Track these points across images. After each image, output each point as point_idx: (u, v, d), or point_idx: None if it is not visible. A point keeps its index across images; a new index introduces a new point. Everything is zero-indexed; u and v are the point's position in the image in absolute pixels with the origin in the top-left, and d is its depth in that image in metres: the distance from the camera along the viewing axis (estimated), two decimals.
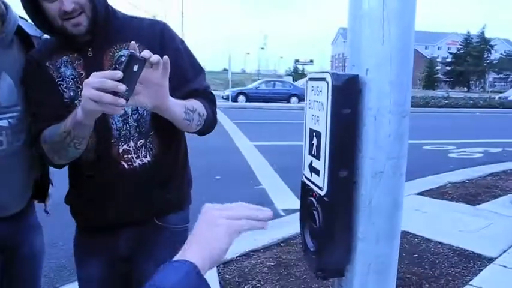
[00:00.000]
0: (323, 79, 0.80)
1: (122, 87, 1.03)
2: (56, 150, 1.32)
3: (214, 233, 0.75)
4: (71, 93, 1.37)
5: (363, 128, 0.79)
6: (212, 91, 1.54)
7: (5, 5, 1.45)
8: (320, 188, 0.82)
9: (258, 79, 38.87)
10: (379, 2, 0.77)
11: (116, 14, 1.42)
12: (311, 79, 0.86)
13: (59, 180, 1.85)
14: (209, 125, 1.49)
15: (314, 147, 0.85)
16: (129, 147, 1.40)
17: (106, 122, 1.37)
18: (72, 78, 1.38)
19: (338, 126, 0.78)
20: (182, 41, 1.51)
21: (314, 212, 0.85)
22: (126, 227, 1.50)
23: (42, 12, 1.30)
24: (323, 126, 0.80)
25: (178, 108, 1.30)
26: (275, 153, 7.79)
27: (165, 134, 1.46)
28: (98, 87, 1.04)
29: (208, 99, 1.50)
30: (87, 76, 1.12)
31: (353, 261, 0.85)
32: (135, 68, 1.05)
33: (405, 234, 3.94)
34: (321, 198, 0.82)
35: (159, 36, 1.42)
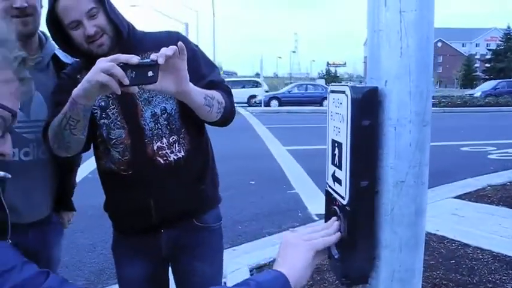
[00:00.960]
0: (343, 92, 0.82)
1: (134, 59, 1.17)
2: (55, 134, 1.42)
3: (296, 252, 0.87)
4: (102, 103, 1.50)
5: (383, 138, 0.81)
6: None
7: (45, 36, 1.69)
8: (342, 197, 0.85)
9: (291, 83, 38.85)
10: (396, 15, 0.79)
11: (135, 30, 1.55)
12: (332, 91, 0.89)
13: (93, 189, 1.94)
14: (228, 114, 1.57)
15: (336, 158, 0.88)
16: (163, 143, 1.51)
17: (138, 124, 1.50)
18: None
19: (358, 137, 0.80)
20: (196, 45, 1.64)
21: (337, 221, 0.87)
22: (166, 228, 1.58)
23: (70, 39, 1.46)
24: (344, 137, 0.83)
25: (198, 94, 1.40)
26: (308, 157, 7.77)
27: (195, 130, 1.58)
28: (111, 59, 1.18)
29: (225, 90, 1.59)
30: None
31: (377, 269, 0.86)
32: (150, 73, 1.19)
33: (442, 239, 3.87)
34: (343, 207, 0.84)
35: (175, 42, 1.50)
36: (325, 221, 0.96)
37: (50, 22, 1.44)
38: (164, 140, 1.51)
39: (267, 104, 24.27)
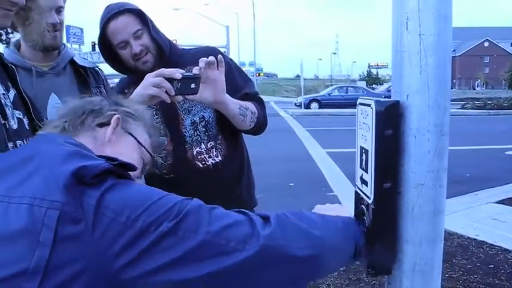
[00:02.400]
0: (369, 105, 0.94)
1: (178, 73, 1.36)
2: None
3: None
4: None
5: (404, 146, 0.92)
6: (285, 97, 1.78)
7: (64, 45, 1.88)
8: (368, 197, 0.96)
9: (331, 85, 38.60)
10: (416, 38, 0.90)
11: (176, 48, 1.74)
12: (361, 104, 1.01)
13: None
14: (261, 123, 1.72)
15: (363, 162, 0.99)
16: (201, 149, 1.66)
17: (179, 131, 1.66)
18: None
19: (382, 145, 0.91)
20: (231, 59, 1.81)
21: (364, 217, 0.98)
22: None
23: (119, 58, 1.66)
24: (370, 144, 0.94)
25: (233, 104, 1.57)
26: (347, 159, 7.75)
27: (231, 137, 1.72)
28: (157, 74, 1.38)
29: (258, 102, 1.74)
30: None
31: (400, 262, 0.97)
32: (192, 85, 1.39)
33: (481, 244, 3.85)
34: (369, 206, 0.96)
35: (213, 55, 1.66)
36: (355, 217, 1.07)
37: (101, 43, 1.63)
38: (203, 146, 1.67)
39: (307, 107, 24.28)
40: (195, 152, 1.66)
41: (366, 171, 0.97)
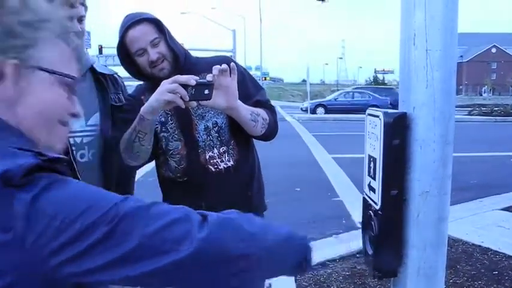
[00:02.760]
0: (377, 116, 0.99)
1: (192, 80, 1.42)
2: (126, 147, 1.64)
3: None
4: (162, 119, 1.73)
5: (411, 155, 0.97)
6: (291, 101, 1.84)
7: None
8: (376, 203, 1.01)
9: (337, 89, 38.60)
10: (423, 53, 0.95)
11: (190, 56, 1.80)
12: (369, 115, 1.06)
13: (148, 192, 2.15)
14: (272, 129, 1.79)
15: (372, 170, 1.04)
16: (214, 153, 1.72)
17: (193, 136, 1.71)
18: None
19: (389, 154, 0.97)
20: (245, 68, 1.87)
21: (372, 222, 1.03)
22: None
23: (136, 65, 1.72)
24: (378, 153, 0.99)
25: (245, 110, 1.63)
26: (353, 165, 7.81)
27: (243, 142, 1.78)
28: (173, 80, 1.43)
29: (270, 109, 1.80)
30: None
31: (405, 265, 1.02)
32: (206, 91, 1.45)
33: (486, 250, 3.87)
34: (376, 212, 1.01)
35: (226, 64, 1.70)
36: (362, 224, 1.12)
37: (120, 50, 1.70)
38: (215, 150, 1.72)
39: (313, 112, 24.31)
40: (207, 157, 1.71)
41: (374, 178, 1.02)
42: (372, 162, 1.04)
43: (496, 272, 3.43)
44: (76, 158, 1.76)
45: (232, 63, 1.57)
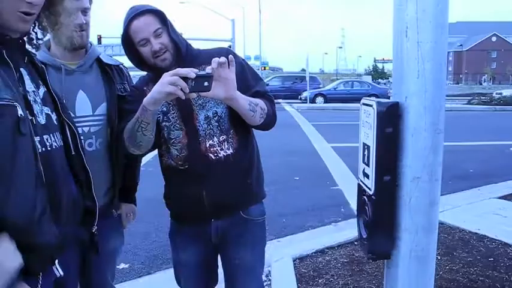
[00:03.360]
0: (371, 105, 1.03)
1: (192, 73, 1.47)
2: (129, 136, 1.70)
3: None
4: (164, 109, 1.78)
5: (403, 143, 1.02)
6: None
7: (91, 43, 1.97)
8: (369, 189, 1.06)
9: (337, 79, 38.56)
10: (414, 45, 0.99)
11: (192, 48, 1.85)
12: (364, 104, 1.10)
13: (144, 184, 2.19)
14: (270, 119, 1.84)
15: (366, 157, 1.09)
16: (214, 142, 1.77)
17: (194, 126, 1.76)
18: None
19: (382, 141, 1.01)
20: (244, 59, 1.92)
21: (366, 207, 1.08)
22: (216, 219, 1.83)
23: (139, 56, 1.78)
24: (371, 141, 1.04)
25: (243, 101, 1.68)
26: (352, 154, 7.81)
27: (242, 131, 1.82)
28: (173, 73, 1.49)
29: (268, 99, 1.85)
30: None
31: (398, 247, 1.08)
32: (206, 83, 1.50)
33: (482, 237, 3.93)
34: (370, 197, 1.06)
35: (226, 56, 1.74)
36: (357, 208, 1.17)
37: (124, 41, 1.75)
38: (215, 139, 1.77)
39: (312, 101, 24.31)
40: (207, 145, 1.76)
41: (368, 165, 1.07)
42: (366, 150, 1.09)
43: (492, 259, 3.49)
44: (84, 147, 1.81)
45: (230, 56, 1.62)
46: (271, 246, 2.02)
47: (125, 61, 2.03)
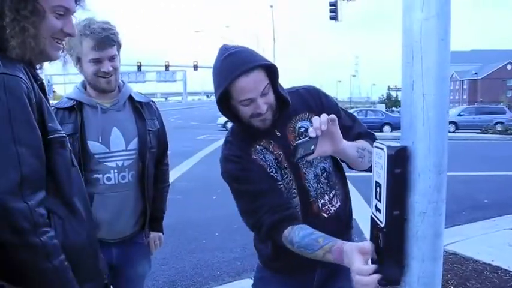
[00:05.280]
0: (382, 149, 1.19)
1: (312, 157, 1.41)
2: (301, 252, 1.51)
3: None
4: (278, 176, 1.63)
5: (411, 182, 1.16)
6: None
7: (123, 81, 2.11)
8: (381, 222, 1.20)
9: (351, 107, 38.71)
10: (420, 97, 1.14)
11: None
12: (376, 147, 1.25)
13: (169, 208, 2.31)
14: None
15: (377, 194, 1.23)
16: (325, 200, 1.68)
17: (304, 186, 1.65)
18: (275, 162, 1.64)
19: (392, 181, 1.16)
20: (332, 97, 1.79)
21: (378, 239, 1.22)
22: (321, 267, 1.73)
23: (232, 109, 1.57)
24: (382, 180, 1.19)
25: (351, 149, 1.55)
26: (366, 184, 7.88)
27: (342, 178, 1.78)
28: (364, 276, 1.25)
29: (371, 138, 1.71)
30: (285, 154, 1.59)
31: (407, 274, 1.21)
32: (312, 146, 1.38)
33: (496, 269, 3.98)
34: (381, 229, 1.20)
35: (318, 100, 1.71)
36: (370, 239, 1.31)
37: (221, 95, 1.50)
38: (326, 197, 1.68)
39: None
40: (319, 205, 1.66)
41: (380, 201, 1.22)
42: (378, 187, 1.23)
43: None
44: (118, 180, 1.97)
45: (332, 115, 1.42)
46: None
47: (140, 88, 2.17)
